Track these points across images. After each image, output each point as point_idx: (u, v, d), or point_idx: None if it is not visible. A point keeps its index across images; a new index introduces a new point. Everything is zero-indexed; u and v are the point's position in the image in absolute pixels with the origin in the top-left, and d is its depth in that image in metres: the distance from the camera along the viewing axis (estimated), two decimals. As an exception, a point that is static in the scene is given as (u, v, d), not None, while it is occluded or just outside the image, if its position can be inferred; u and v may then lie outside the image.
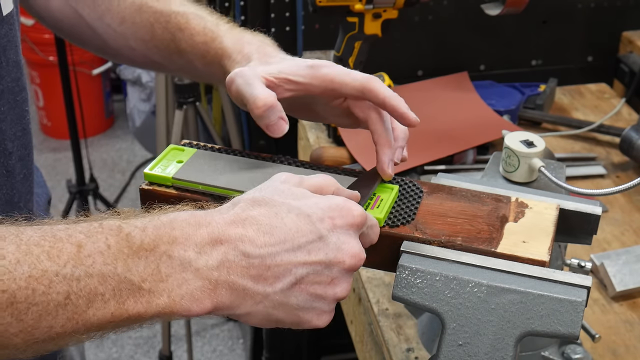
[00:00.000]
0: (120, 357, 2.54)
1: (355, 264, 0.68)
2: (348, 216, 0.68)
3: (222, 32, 0.87)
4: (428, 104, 1.54)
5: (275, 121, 0.78)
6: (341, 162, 1.40)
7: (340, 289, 0.67)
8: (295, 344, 2.05)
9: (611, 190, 0.80)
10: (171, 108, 2.20)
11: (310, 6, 1.38)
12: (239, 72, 0.80)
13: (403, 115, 0.80)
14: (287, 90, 0.80)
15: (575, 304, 0.68)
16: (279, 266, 0.64)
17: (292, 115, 0.88)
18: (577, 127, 1.55)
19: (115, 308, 0.60)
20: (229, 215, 0.65)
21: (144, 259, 0.61)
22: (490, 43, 1.78)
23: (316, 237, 0.66)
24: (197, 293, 0.62)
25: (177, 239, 0.62)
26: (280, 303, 0.65)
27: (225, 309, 0.64)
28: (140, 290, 0.61)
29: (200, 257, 0.62)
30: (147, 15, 0.91)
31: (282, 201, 0.67)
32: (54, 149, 3.50)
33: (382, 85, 0.80)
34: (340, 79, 0.80)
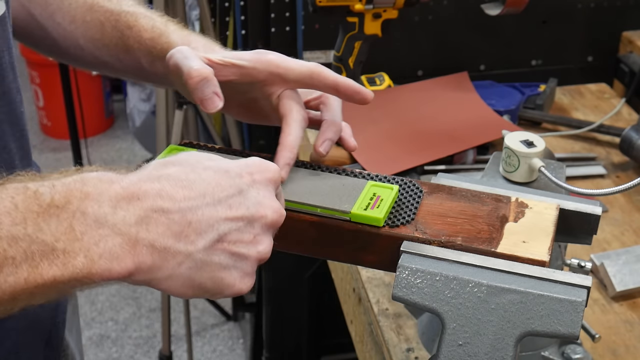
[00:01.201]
0: (120, 357, 2.54)
1: (277, 219, 0.66)
2: (266, 171, 0.67)
3: (170, 30, 0.87)
4: (428, 104, 1.54)
5: (210, 95, 0.77)
6: (341, 162, 1.40)
7: (263, 247, 0.65)
8: (295, 344, 2.06)
9: (611, 190, 0.80)
10: (171, 108, 2.20)
11: (310, 6, 1.38)
12: (179, 48, 0.79)
13: (359, 92, 0.80)
14: (230, 74, 0.79)
15: (575, 304, 0.68)
16: (201, 221, 0.61)
17: (236, 117, 0.88)
18: (577, 127, 1.55)
19: (29, 272, 0.55)
20: (142, 174, 0.62)
21: (56, 217, 0.57)
22: (490, 43, 1.78)
23: (236, 191, 0.64)
24: (117, 250, 0.58)
25: (90, 194, 0.58)
26: (203, 262, 0.62)
27: (146, 272, 0.59)
28: (54, 251, 0.56)
29: (117, 212, 0.58)
30: (98, 15, 0.91)
31: (196, 160, 0.65)
32: (54, 149, 3.51)
33: (330, 70, 0.80)
34: (286, 64, 0.79)
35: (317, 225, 0.76)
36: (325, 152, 0.81)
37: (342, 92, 0.81)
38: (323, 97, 0.84)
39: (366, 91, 0.81)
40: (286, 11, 1.73)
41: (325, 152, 0.81)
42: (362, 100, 0.81)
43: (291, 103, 0.81)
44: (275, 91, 0.81)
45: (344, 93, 0.81)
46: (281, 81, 0.80)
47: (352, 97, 0.81)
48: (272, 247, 0.67)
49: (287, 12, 1.74)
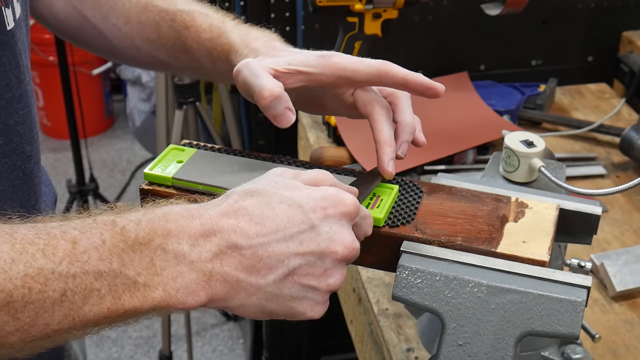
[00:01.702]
0: (120, 357, 2.54)
1: (348, 255, 0.67)
2: (340, 205, 0.67)
3: (229, 28, 0.87)
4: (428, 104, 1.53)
5: (282, 112, 0.77)
6: (341, 162, 1.40)
7: (334, 280, 0.67)
8: (295, 344, 2.06)
9: (611, 190, 0.80)
10: (171, 108, 2.20)
11: (310, 6, 1.38)
12: (246, 63, 0.79)
13: (430, 87, 0.79)
14: (297, 81, 0.79)
15: (575, 304, 0.68)
16: (271, 257, 0.64)
17: (299, 110, 0.87)
18: (577, 127, 1.55)
19: (112, 303, 0.60)
20: (221, 207, 0.65)
21: (139, 253, 0.61)
22: (490, 43, 1.77)
23: (308, 227, 0.65)
24: (192, 285, 0.62)
25: (171, 231, 0.62)
26: (273, 294, 0.65)
27: (219, 301, 0.63)
28: (135, 284, 0.60)
29: (194, 249, 0.62)
30: (153, 14, 0.91)
31: (275, 192, 0.66)
32: (54, 149, 3.51)
33: (398, 66, 0.79)
34: (353, 67, 0.79)
35: (317, 225, 0.76)
36: (403, 155, 0.81)
37: (412, 88, 0.80)
38: (394, 97, 0.83)
39: (437, 85, 0.80)
40: (286, 11, 1.73)
41: (404, 155, 0.81)
42: (434, 94, 0.80)
43: (370, 99, 0.80)
44: (344, 92, 0.81)
45: (415, 89, 0.80)
46: (349, 83, 0.80)
47: (423, 92, 0.80)
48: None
49: (287, 12, 1.74)
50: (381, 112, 0.80)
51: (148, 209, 0.64)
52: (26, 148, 0.80)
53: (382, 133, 0.79)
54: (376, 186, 0.79)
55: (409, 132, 0.82)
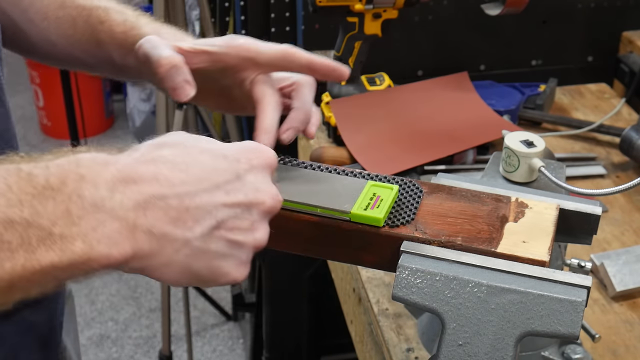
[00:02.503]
0: (120, 357, 2.54)
1: (274, 206, 0.64)
2: (263, 157, 0.65)
3: (142, 23, 0.87)
4: (428, 104, 1.54)
5: (180, 84, 0.75)
6: (341, 162, 1.40)
7: (260, 234, 0.63)
8: (295, 344, 2.06)
9: (611, 190, 0.80)
10: (171, 108, 2.19)
11: (310, 6, 1.38)
12: (148, 38, 0.78)
13: (335, 69, 0.79)
14: (201, 61, 0.78)
15: (575, 304, 0.68)
16: (199, 208, 0.59)
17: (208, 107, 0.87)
18: (577, 127, 1.55)
19: (25, 258, 0.53)
20: (135, 155, 0.60)
21: (52, 200, 0.54)
22: (490, 43, 1.78)
23: (234, 177, 0.62)
24: (115, 235, 0.56)
25: (85, 176, 0.56)
26: (200, 250, 0.60)
27: (143, 257, 0.58)
28: (51, 235, 0.54)
29: (114, 195, 0.56)
30: (70, 10, 0.90)
31: (193, 144, 0.63)
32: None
33: (302, 50, 0.78)
34: (257, 48, 0.78)
35: (317, 225, 0.76)
36: (288, 140, 0.79)
37: (317, 71, 0.79)
38: (295, 84, 0.82)
39: (342, 67, 0.79)
40: (286, 11, 1.73)
41: (288, 140, 0.79)
42: (339, 76, 0.80)
43: (264, 87, 0.79)
44: (247, 76, 0.80)
45: (320, 71, 0.79)
46: (253, 65, 0.79)
47: (328, 75, 0.79)
48: (270, 245, 0.66)
49: (287, 12, 1.74)
50: (270, 101, 0.78)
51: (54, 155, 0.58)
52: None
53: (264, 121, 0.78)
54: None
55: (300, 119, 0.80)
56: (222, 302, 2.66)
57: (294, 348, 2.06)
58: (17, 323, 0.76)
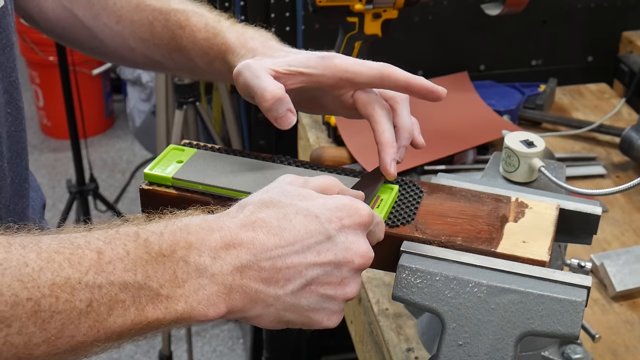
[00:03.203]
0: (121, 357, 2.54)
1: (364, 263, 0.68)
2: (355, 215, 0.67)
3: (224, 28, 0.86)
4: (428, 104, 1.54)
5: (284, 113, 0.77)
6: (341, 162, 1.40)
7: (350, 289, 0.67)
8: (295, 344, 2.05)
9: (611, 190, 0.80)
10: (171, 108, 2.20)
11: (310, 6, 1.38)
12: (246, 65, 0.79)
13: (432, 90, 0.80)
14: (297, 82, 0.79)
15: (575, 304, 0.68)
16: (290, 268, 0.64)
17: (298, 110, 0.86)
18: (577, 127, 1.55)
19: (135, 315, 0.60)
20: (238, 218, 0.65)
21: (162, 265, 0.61)
22: (490, 43, 1.77)
23: (325, 238, 0.66)
24: (213, 298, 0.62)
25: (193, 244, 0.62)
26: (291, 305, 0.65)
27: (237, 312, 0.64)
28: (158, 296, 0.60)
29: (215, 262, 0.62)
30: (146, 14, 0.90)
31: (290, 202, 0.66)
32: (54, 149, 3.50)
33: (399, 69, 0.79)
34: (354, 69, 0.79)
35: (317, 225, 0.76)
36: (401, 159, 0.81)
37: (414, 92, 0.80)
38: (393, 101, 0.83)
39: (439, 89, 0.80)
40: (286, 11, 1.73)
41: (401, 159, 0.81)
42: (436, 98, 0.81)
43: (370, 101, 0.80)
44: (344, 93, 0.82)
45: (417, 92, 0.80)
46: (350, 84, 0.80)
47: (425, 96, 0.80)
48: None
49: (287, 12, 1.73)
50: (382, 114, 0.80)
51: (168, 221, 0.64)
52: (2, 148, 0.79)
53: (384, 134, 0.79)
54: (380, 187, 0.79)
55: (407, 137, 0.82)
56: (222, 302, 2.65)
57: (294, 348, 2.06)
58: None
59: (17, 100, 0.82)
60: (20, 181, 0.85)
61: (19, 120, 0.83)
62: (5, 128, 0.81)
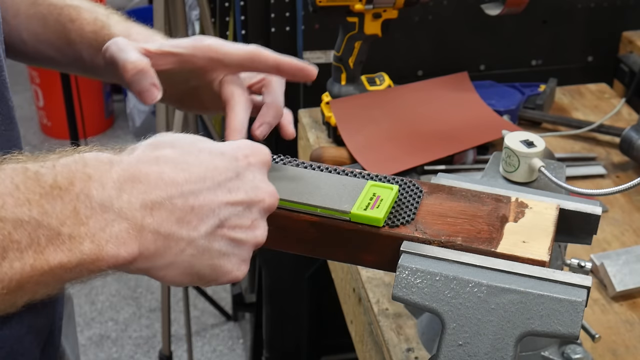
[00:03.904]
0: (120, 357, 2.54)
1: (273, 203, 0.65)
2: (260, 154, 0.66)
3: (113, 22, 0.86)
4: (428, 104, 1.54)
5: (147, 87, 0.75)
6: (341, 162, 1.40)
7: (260, 232, 0.64)
8: (295, 344, 2.06)
9: (611, 190, 0.80)
10: (171, 108, 2.19)
11: (310, 6, 1.38)
12: (114, 40, 0.78)
13: (302, 69, 0.79)
14: (168, 62, 0.78)
15: (575, 304, 0.68)
16: (202, 207, 0.59)
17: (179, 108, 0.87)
18: (577, 127, 1.55)
19: (35, 258, 0.53)
20: (135, 155, 0.59)
21: (60, 199, 0.54)
22: (490, 43, 1.78)
23: (234, 175, 0.62)
24: (123, 235, 0.55)
25: (92, 176, 0.56)
26: (204, 249, 0.60)
27: (148, 258, 0.58)
28: (59, 235, 0.53)
29: (122, 195, 0.56)
30: (41, 8, 0.90)
31: (189, 142, 0.63)
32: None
33: (270, 50, 0.78)
34: (224, 49, 0.78)
35: (317, 225, 0.76)
36: (262, 135, 0.79)
37: (285, 71, 0.79)
38: (265, 80, 0.82)
39: (309, 67, 0.79)
40: (286, 11, 1.73)
41: (262, 136, 0.79)
42: (307, 76, 0.79)
43: (233, 87, 0.79)
44: (216, 77, 0.80)
45: (287, 71, 0.79)
46: (221, 66, 0.79)
47: (296, 74, 0.79)
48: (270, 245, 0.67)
49: (287, 12, 1.74)
50: (239, 100, 0.78)
51: (58, 155, 0.57)
52: None
53: (234, 121, 0.78)
54: None
55: (273, 114, 0.80)
56: (222, 302, 2.66)
57: (294, 348, 2.06)
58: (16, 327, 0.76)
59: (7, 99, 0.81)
60: None
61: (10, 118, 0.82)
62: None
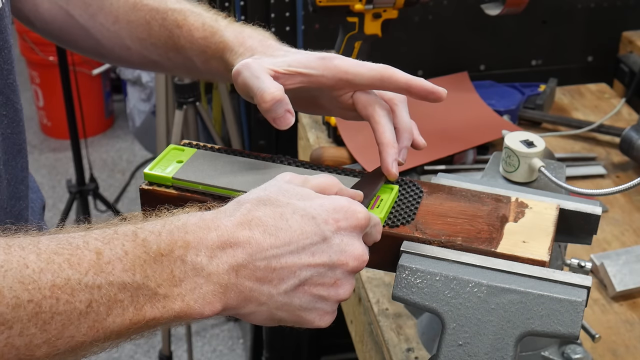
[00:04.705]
0: (121, 357, 2.54)
1: (358, 266, 0.68)
2: (352, 218, 0.68)
3: (222, 26, 0.86)
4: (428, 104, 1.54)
5: (282, 114, 0.77)
6: (341, 162, 1.40)
7: (343, 291, 0.68)
8: (295, 344, 2.05)
9: (611, 190, 0.80)
10: (171, 108, 2.20)
11: (310, 6, 1.38)
12: (245, 64, 0.79)
13: (433, 91, 0.80)
14: (296, 82, 0.79)
15: (575, 304, 0.68)
16: (284, 268, 0.65)
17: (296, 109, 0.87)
18: (577, 127, 1.55)
19: (134, 314, 0.60)
20: (235, 217, 0.65)
21: (160, 265, 0.61)
22: (490, 43, 1.77)
23: (320, 239, 0.66)
24: (209, 296, 0.63)
25: (190, 243, 0.63)
26: (284, 304, 0.66)
27: (232, 310, 0.65)
28: (156, 295, 0.61)
29: (212, 261, 0.63)
30: (143, 13, 0.90)
31: (287, 201, 0.67)
32: (54, 149, 3.50)
33: (400, 71, 0.79)
34: (355, 70, 0.79)
35: (317, 225, 0.76)
36: (403, 160, 0.81)
37: (415, 93, 0.80)
38: (391, 102, 0.83)
39: (440, 89, 0.80)
40: (286, 11, 1.73)
41: (404, 161, 0.81)
42: (437, 99, 0.81)
43: (370, 102, 0.80)
44: (343, 94, 0.82)
45: (418, 93, 0.80)
46: (350, 86, 0.80)
47: (426, 97, 0.80)
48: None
49: (287, 12, 1.73)
50: (382, 114, 0.80)
51: (166, 220, 0.64)
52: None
53: (385, 135, 0.79)
54: (380, 187, 0.79)
55: (408, 137, 0.82)
56: (222, 302, 2.65)
57: (294, 348, 2.06)
58: None
59: (15, 103, 0.81)
60: (17, 183, 0.84)
61: (16, 122, 0.82)
62: (1, 130, 0.80)
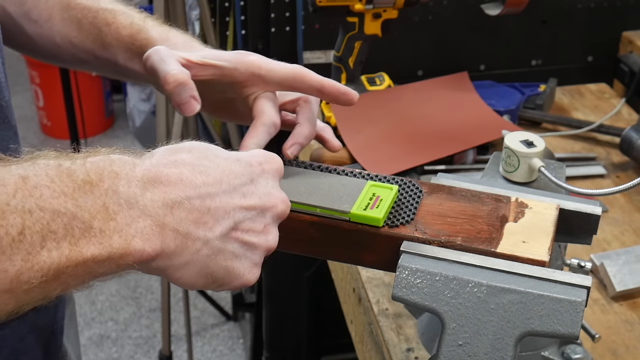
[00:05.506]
0: (120, 357, 2.54)
1: (285, 210, 0.67)
2: (272, 162, 0.68)
3: (149, 25, 0.86)
4: (428, 104, 1.54)
5: (187, 99, 0.76)
6: (341, 162, 1.40)
7: (272, 237, 0.66)
8: (295, 344, 2.06)
9: (611, 190, 0.80)
10: (171, 108, 2.19)
11: (310, 6, 1.38)
12: (156, 49, 0.78)
13: (345, 93, 0.80)
14: (208, 74, 0.79)
15: (575, 304, 0.68)
16: (219, 208, 0.62)
17: (211, 114, 0.88)
18: (577, 127, 1.55)
19: (70, 250, 0.54)
20: (155, 159, 0.61)
21: (91, 194, 0.56)
22: (490, 43, 1.78)
23: (248, 180, 0.64)
24: (148, 231, 0.58)
25: (119, 174, 0.58)
26: (219, 250, 0.62)
27: (169, 256, 0.60)
28: (91, 228, 0.55)
29: (145, 193, 0.58)
30: (75, 12, 0.90)
31: (205, 147, 0.65)
32: (54, 149, 3.50)
33: (313, 72, 0.79)
34: (268, 66, 0.79)
35: (317, 225, 0.76)
36: (292, 155, 0.81)
37: (327, 94, 0.80)
38: (300, 100, 0.83)
39: (352, 92, 0.80)
40: (286, 11, 1.73)
41: (293, 156, 0.81)
42: (348, 101, 0.81)
43: (265, 106, 0.80)
44: (254, 92, 0.81)
45: (329, 95, 0.80)
46: (262, 83, 0.80)
47: (337, 98, 0.80)
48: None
49: (287, 12, 1.74)
50: (265, 122, 0.79)
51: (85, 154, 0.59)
52: None
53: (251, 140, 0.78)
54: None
55: (305, 135, 0.82)
56: (222, 302, 2.66)
57: (294, 348, 2.06)
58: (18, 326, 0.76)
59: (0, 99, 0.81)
60: None
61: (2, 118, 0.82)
62: None
